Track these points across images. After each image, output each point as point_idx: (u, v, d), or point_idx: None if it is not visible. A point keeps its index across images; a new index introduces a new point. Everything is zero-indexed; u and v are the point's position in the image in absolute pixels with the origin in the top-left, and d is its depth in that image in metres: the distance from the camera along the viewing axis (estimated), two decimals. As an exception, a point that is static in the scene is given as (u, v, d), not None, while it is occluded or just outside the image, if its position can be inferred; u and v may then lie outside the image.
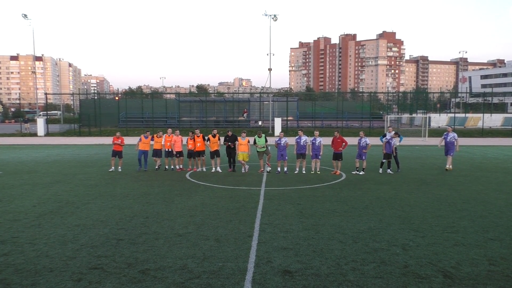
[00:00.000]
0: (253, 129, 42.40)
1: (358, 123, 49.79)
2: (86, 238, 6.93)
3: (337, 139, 14.34)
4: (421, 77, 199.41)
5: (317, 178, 13.38)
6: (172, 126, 43.01)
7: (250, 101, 51.79)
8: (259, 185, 11.96)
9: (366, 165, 14.67)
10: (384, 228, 7.49)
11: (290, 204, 9.37)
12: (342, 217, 8.25)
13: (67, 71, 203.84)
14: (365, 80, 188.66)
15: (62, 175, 14.24)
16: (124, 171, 15.12)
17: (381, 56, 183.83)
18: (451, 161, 15.12)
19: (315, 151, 14.36)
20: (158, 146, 15.21)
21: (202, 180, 13.01)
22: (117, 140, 15.20)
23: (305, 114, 52.18)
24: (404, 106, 58.12)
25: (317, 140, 14.35)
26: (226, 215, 8.40)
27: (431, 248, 6.40)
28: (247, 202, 9.58)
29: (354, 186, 11.91)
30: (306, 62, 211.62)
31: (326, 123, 48.95)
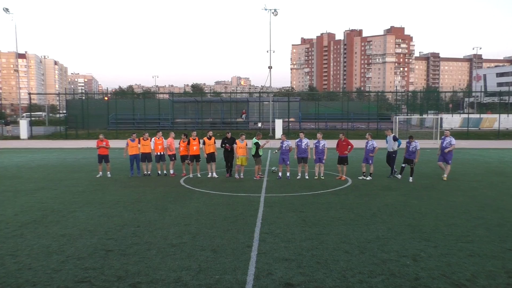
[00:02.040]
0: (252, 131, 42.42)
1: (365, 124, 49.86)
2: (73, 249, 6.90)
3: (342, 142, 14.36)
4: (432, 75, 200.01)
5: (321, 183, 13.37)
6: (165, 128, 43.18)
7: (249, 102, 51.90)
8: (259, 192, 11.94)
9: (374, 170, 14.68)
10: (393, 237, 7.48)
11: (292, 212, 9.35)
12: (347, 225, 8.24)
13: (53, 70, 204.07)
14: (372, 78, 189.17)
15: (47, 181, 14.21)
16: (114, 176, 15.09)
17: (389, 53, 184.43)
18: (449, 170, 14.05)
19: (319, 155, 14.35)
20: (146, 150, 15.17)
21: (197, 186, 12.99)
22: (102, 143, 15.17)
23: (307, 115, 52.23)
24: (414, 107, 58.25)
25: (321, 143, 14.34)
26: (224, 223, 8.38)
27: (444, 259, 6.38)
28: (246, 210, 9.57)
29: (360, 192, 11.90)
30: (309, 60, 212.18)
31: (330, 125, 49.01)
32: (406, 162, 14.20)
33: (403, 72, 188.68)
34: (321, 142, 14.31)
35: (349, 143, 14.38)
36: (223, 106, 49.53)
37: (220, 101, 51.49)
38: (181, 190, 12.29)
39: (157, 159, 15.33)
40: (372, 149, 14.29)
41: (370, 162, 14.31)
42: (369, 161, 14.32)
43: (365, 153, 14.52)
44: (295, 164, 15.14)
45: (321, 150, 14.30)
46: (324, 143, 14.32)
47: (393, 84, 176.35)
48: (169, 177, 14.99)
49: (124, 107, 48.72)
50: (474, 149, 27.23)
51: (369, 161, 14.33)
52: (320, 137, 14.49)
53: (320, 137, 14.49)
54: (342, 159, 14.33)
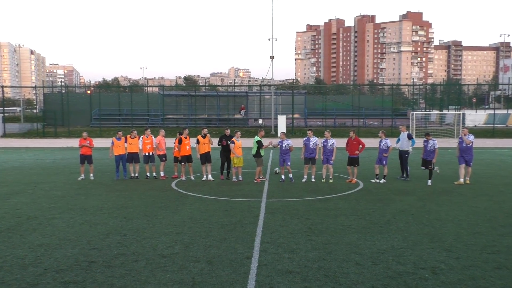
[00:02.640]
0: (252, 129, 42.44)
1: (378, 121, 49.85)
2: (51, 260, 6.90)
3: (352, 140, 14.36)
4: (453, 66, 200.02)
5: (329, 187, 13.38)
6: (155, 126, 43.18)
7: (248, 95, 51.92)
8: (260, 196, 11.95)
9: (388, 172, 14.68)
10: (410, 247, 7.49)
11: (296, 219, 9.36)
12: (359, 234, 8.24)
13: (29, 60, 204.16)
14: (386, 70, 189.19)
15: (22, 184, 14.21)
16: (97, 179, 15.10)
17: (405, 41, 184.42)
18: (470, 173, 14.04)
19: (326, 155, 14.36)
20: (134, 149, 15.17)
21: (190, 190, 12.99)
22: (85, 142, 15.18)
23: (314, 110, 52.26)
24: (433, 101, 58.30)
25: (329, 143, 14.35)
26: (220, 232, 8.38)
27: (467, 272, 6.38)
28: (245, 217, 9.57)
29: (373, 196, 11.91)
30: (316, 49, 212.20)
31: (339, 122, 49.04)
32: (424, 164, 14.14)
33: (421, 63, 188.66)
34: (329, 141, 14.32)
35: (360, 142, 14.39)
36: (220, 101, 49.57)
37: (216, 95, 51.52)
38: (172, 195, 12.28)
39: (145, 159, 15.33)
40: (386, 148, 14.29)
41: (384, 163, 14.32)
42: (383, 162, 14.32)
43: (379, 153, 14.52)
44: (300, 165, 15.14)
45: (329, 150, 14.31)
46: (333, 142, 14.33)
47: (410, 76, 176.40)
48: (159, 180, 14.99)
49: (109, 101, 48.75)
50: (501, 148, 27.23)
51: (382, 162, 14.33)
52: (328, 135, 14.49)
53: (328, 135, 14.49)
54: (352, 159, 14.34)
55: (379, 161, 14.43)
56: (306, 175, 14.44)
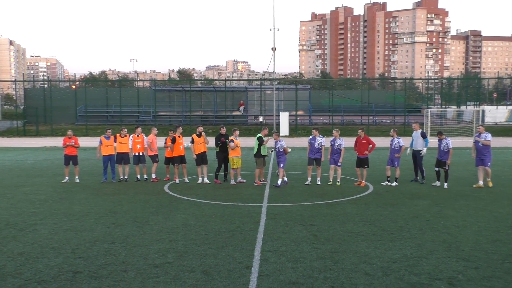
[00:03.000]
0: (252, 127, 42.46)
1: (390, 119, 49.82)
2: (33, 270, 6.90)
3: (361, 140, 14.36)
4: (471, 58, 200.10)
5: (336, 190, 13.38)
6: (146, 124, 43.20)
7: (248, 90, 51.92)
8: (260, 200, 11.95)
9: (400, 174, 14.68)
10: (424, 256, 7.48)
11: (300, 225, 9.36)
12: (368, 241, 8.24)
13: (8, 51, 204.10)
14: (398, 62, 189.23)
15: (1, 187, 14.23)
16: (83, 182, 15.10)
17: (419, 31, 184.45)
18: (489, 174, 13.92)
19: (334, 156, 14.36)
20: (124, 149, 15.18)
21: (185, 193, 12.99)
22: (70, 141, 15.18)
23: (319, 107, 52.25)
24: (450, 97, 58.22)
25: (336, 142, 14.35)
26: (217, 239, 8.38)
27: (487, 283, 6.38)
28: (245, 223, 9.57)
29: (384, 201, 11.91)
30: (321, 40, 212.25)
31: (347, 119, 49.05)
32: (439, 165, 14.14)
33: (436, 55, 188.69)
34: (337, 141, 14.31)
35: (370, 141, 14.39)
36: (217, 96, 49.59)
37: (213, 90, 51.54)
38: (165, 199, 12.28)
39: (135, 160, 15.33)
40: (398, 148, 14.29)
41: (396, 165, 14.32)
42: (395, 163, 14.32)
43: (390, 154, 14.52)
44: (305, 167, 15.12)
45: (336, 151, 14.30)
46: (341, 142, 14.32)
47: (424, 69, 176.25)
48: (150, 182, 15.00)
49: (96, 97, 48.77)
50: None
51: (394, 163, 14.33)
52: (336, 134, 14.48)
53: (336, 134, 14.48)
54: (361, 160, 14.34)
55: (391, 162, 14.43)
56: (310, 177, 14.43)
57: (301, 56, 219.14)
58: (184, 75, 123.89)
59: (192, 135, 15.11)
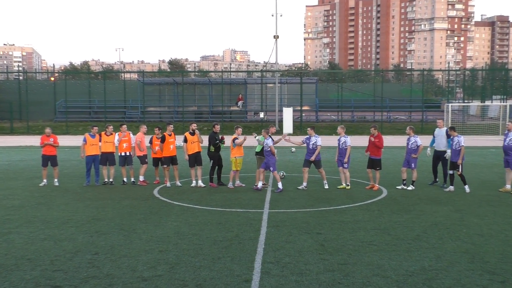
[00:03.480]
0: (252, 124, 42.47)
1: (406, 115, 49.82)
2: (6, 284, 6.90)
3: (374, 138, 14.32)
4: (498, 47, 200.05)
5: (345, 195, 13.38)
6: (133, 120, 43.22)
7: (247, 83, 51.94)
8: (261, 206, 11.95)
9: (418, 177, 14.68)
10: (445, 268, 7.49)
11: (305, 234, 9.37)
12: (382, 252, 8.24)
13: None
14: (416, 52, 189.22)
15: (-28, 191, 14.22)
16: (63, 185, 15.10)
17: (438, 17, 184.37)
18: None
19: (340, 157, 14.35)
20: (109, 149, 15.19)
21: (176, 198, 12.99)
22: (48, 140, 15.21)
23: (327, 102, 52.27)
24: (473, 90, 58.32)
25: (341, 140, 14.34)
26: (213, 249, 8.39)
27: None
28: (244, 231, 9.58)
29: (399, 206, 11.91)
30: (329, 27, 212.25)
31: (358, 115, 49.04)
32: (453, 167, 14.13)
33: (458, 43, 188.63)
34: (342, 139, 14.31)
35: (381, 140, 14.31)
36: (212, 90, 49.58)
37: (208, 83, 51.54)
38: (154, 204, 12.28)
39: (121, 161, 15.34)
40: (415, 148, 14.27)
41: (412, 167, 14.31)
42: (412, 165, 14.32)
43: (406, 154, 14.51)
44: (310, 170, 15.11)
45: (342, 150, 14.31)
46: (346, 140, 14.29)
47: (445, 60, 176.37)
48: (138, 186, 15.00)
49: (77, 91, 48.76)
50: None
51: (411, 164, 14.32)
52: (341, 131, 14.47)
53: (341, 131, 14.47)
54: (373, 162, 14.33)
55: (407, 163, 14.42)
56: (305, 181, 14.37)
57: (306, 45, 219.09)
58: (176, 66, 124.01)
59: (185, 133, 15.12)
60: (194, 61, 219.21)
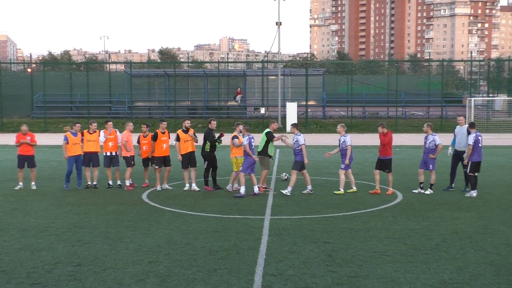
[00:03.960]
0: (252, 121, 42.44)
1: (423, 110, 49.72)
2: (-21, 299, 6.90)
3: (384, 137, 14.23)
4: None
5: (356, 200, 13.39)
6: (119, 117, 43.15)
7: (246, 75, 51.92)
8: (262, 212, 11.95)
9: (437, 179, 14.67)
10: (467, 281, 7.49)
11: (311, 243, 9.37)
12: (397, 263, 8.24)
13: None
14: (434, 40, 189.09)
15: None
16: (41, 189, 15.10)
17: (460, 1, 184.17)
18: None
19: (342, 158, 14.32)
20: (92, 148, 15.15)
21: (168, 203, 12.99)
22: (24, 138, 15.21)
23: (335, 96, 52.24)
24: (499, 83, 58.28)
25: (340, 140, 14.31)
26: (208, 260, 8.39)
27: (543, 315, 6.37)
28: (243, 240, 9.58)
29: (416, 213, 11.91)
30: (338, 12, 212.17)
31: (370, 111, 49.00)
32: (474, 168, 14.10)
33: (482, 30, 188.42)
34: (341, 139, 14.32)
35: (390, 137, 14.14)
36: (208, 83, 49.55)
37: (203, 74, 51.52)
38: (143, 210, 12.28)
39: (106, 162, 15.31)
40: (433, 147, 14.26)
41: (430, 168, 14.30)
42: (429, 167, 14.30)
43: (424, 154, 14.48)
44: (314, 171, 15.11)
45: (342, 151, 14.32)
46: (345, 139, 14.22)
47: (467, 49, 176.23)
48: (124, 190, 15.00)
49: (57, 83, 48.72)
50: None
51: (429, 166, 14.31)
52: (341, 130, 14.39)
53: (341, 130, 14.39)
54: (381, 162, 14.28)
55: (424, 164, 14.40)
56: (308, 184, 14.33)
57: (312, 33, 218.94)
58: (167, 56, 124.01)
59: (178, 130, 15.11)
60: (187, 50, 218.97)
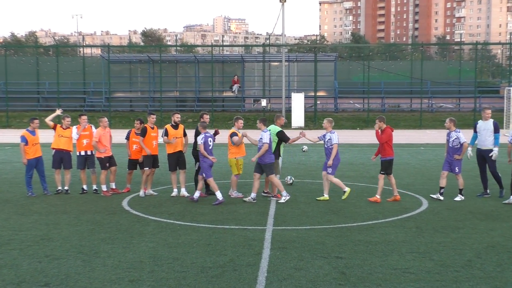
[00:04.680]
0: (251, 114, 42.42)
1: (453, 102, 49.61)
2: None
3: (380, 135, 14.17)
4: None
5: (373, 208, 13.43)
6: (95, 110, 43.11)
7: (244, 61, 51.84)
8: (263, 222, 11.97)
9: (465, 183, 14.67)
10: (504, 304, 7.48)
11: (321, 258, 9.36)
12: (422, 282, 8.25)
13: None
14: (466, 19, 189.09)
15: None
16: (3, 194, 15.17)
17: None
18: None
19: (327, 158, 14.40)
20: (65, 145, 15.17)
21: (153, 212, 13.00)
22: None
23: (349, 85, 52.12)
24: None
25: (326, 137, 14.33)
26: (200, 279, 8.40)
27: None
28: (240, 255, 9.57)
29: (444, 223, 11.92)
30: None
31: (390, 103, 48.90)
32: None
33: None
34: (327, 136, 14.33)
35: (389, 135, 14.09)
36: (199, 70, 49.48)
37: (194, 60, 51.43)
38: (123, 220, 12.28)
39: (80, 163, 15.29)
40: (458, 146, 14.25)
41: (456, 171, 14.31)
42: (455, 169, 14.31)
43: (447, 154, 14.47)
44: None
45: (327, 150, 14.41)
46: (331, 136, 14.18)
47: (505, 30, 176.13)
48: (101, 196, 15.00)
49: (21, 70, 48.66)
50: None
51: (454, 168, 14.31)
52: (327, 126, 14.29)
53: (327, 126, 14.29)
54: (381, 164, 14.30)
55: (448, 166, 14.41)
56: (255, 190, 14.27)
57: (322, 12, 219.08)
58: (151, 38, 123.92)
59: (166, 126, 15.11)
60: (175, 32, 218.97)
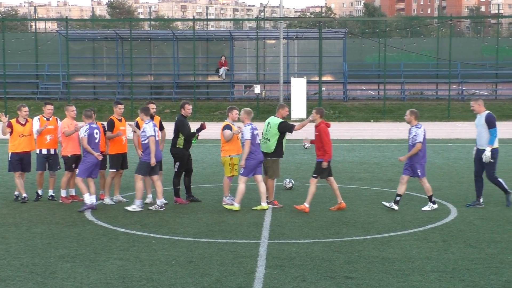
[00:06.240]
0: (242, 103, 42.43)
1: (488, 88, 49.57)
2: None
3: (315, 131, 14.29)
4: None
5: (390, 217, 13.48)
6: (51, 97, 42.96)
7: (233, 39, 51.78)
8: (257, 235, 12.02)
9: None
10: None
11: (327, 278, 9.39)
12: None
13: None
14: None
15: None
16: None
17: None
18: None
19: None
20: (25, 147, 15.16)
21: (122, 223, 13.04)
22: None
23: (362, 68, 51.97)
24: None
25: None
26: (179, 304, 8.41)
27: None
28: (229, 274, 9.59)
29: (477, 235, 11.97)
30: None
31: (411, 90, 48.86)
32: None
33: None
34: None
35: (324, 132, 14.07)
36: (179, 50, 49.39)
37: (173, 38, 51.31)
38: (86, 233, 12.28)
39: (41, 164, 15.27)
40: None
41: (419, 175, 14.46)
42: (418, 172, 14.47)
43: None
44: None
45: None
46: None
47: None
48: (59, 203, 15.00)
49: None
50: None
51: (417, 171, 14.47)
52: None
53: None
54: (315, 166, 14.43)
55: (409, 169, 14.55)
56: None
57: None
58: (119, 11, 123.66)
59: (137, 118, 15.11)
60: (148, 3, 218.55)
